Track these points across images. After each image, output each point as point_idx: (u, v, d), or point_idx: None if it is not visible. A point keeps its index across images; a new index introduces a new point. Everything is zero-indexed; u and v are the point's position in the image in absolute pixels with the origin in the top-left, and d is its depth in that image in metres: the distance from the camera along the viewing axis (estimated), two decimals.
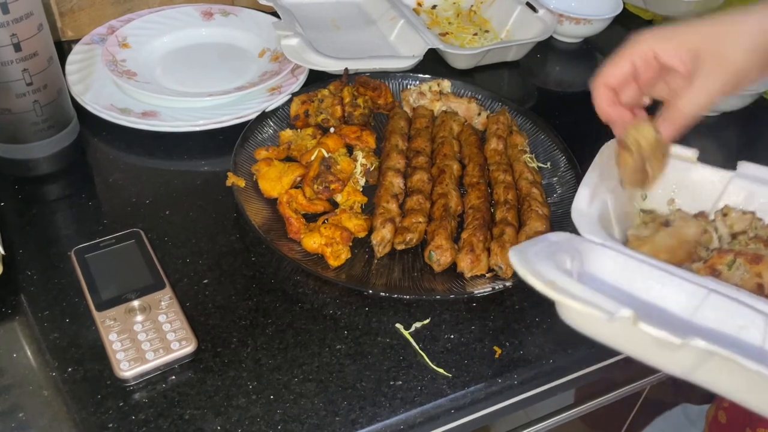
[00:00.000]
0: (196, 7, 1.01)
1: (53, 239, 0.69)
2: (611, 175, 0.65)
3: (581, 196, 0.62)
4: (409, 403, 0.58)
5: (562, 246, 0.56)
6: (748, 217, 0.65)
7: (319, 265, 0.67)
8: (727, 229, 0.65)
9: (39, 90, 0.71)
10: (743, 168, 0.68)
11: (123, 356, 0.57)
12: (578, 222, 0.60)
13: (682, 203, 0.69)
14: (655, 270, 0.56)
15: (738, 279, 0.59)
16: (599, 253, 0.57)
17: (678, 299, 0.55)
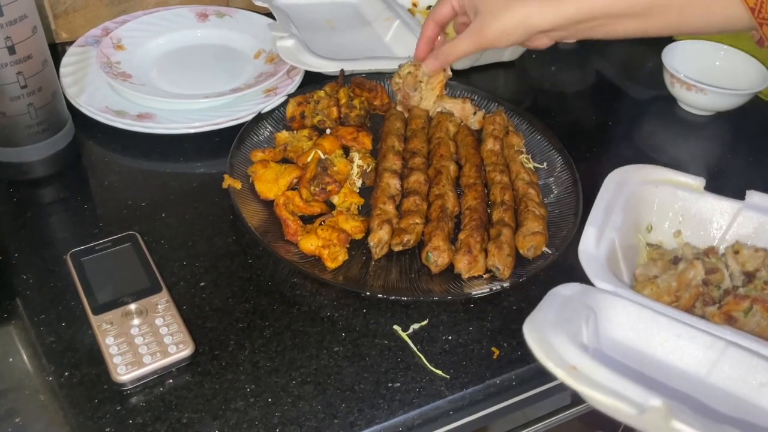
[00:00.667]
0: (191, 9, 1.01)
1: (49, 243, 0.69)
2: (617, 208, 0.64)
3: (588, 237, 0.61)
4: (407, 404, 0.58)
5: (574, 306, 0.54)
6: (761, 255, 0.62)
7: (317, 267, 0.66)
8: (739, 266, 0.63)
9: (33, 93, 0.70)
10: (752, 198, 0.66)
11: (120, 360, 0.57)
12: (587, 267, 0.58)
13: (690, 235, 0.67)
14: (669, 321, 0.54)
15: (755, 326, 0.57)
16: (612, 305, 0.56)
17: (695, 353, 0.53)
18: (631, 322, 0.55)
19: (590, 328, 0.54)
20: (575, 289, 0.56)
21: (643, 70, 1.07)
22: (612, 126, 0.95)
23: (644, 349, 0.55)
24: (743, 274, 0.62)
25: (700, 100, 0.93)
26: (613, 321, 0.55)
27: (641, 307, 0.55)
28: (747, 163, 0.90)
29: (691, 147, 0.94)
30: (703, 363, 0.53)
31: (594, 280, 0.57)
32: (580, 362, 0.48)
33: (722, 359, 0.52)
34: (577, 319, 0.53)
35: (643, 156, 0.90)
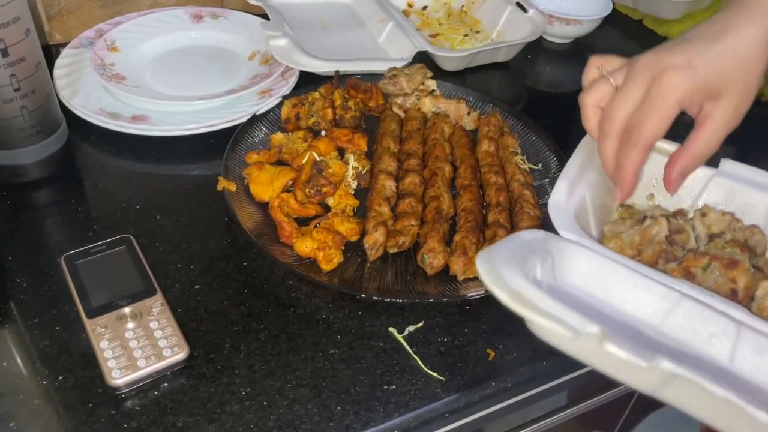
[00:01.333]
0: (186, 10, 1.01)
1: (43, 246, 0.69)
2: (592, 166, 0.64)
3: (559, 188, 0.61)
4: (403, 407, 0.57)
5: (533, 247, 0.55)
6: (727, 219, 0.63)
7: (312, 269, 0.66)
8: (705, 229, 0.63)
9: (27, 95, 0.70)
10: (725, 166, 0.66)
11: (114, 364, 0.57)
12: (555, 216, 0.58)
13: (662, 199, 0.68)
14: (628, 272, 0.55)
15: (712, 282, 0.58)
16: (573, 253, 0.56)
17: (650, 302, 0.54)
18: (591, 271, 0.56)
19: (546, 268, 0.54)
20: (538, 235, 0.57)
21: None
22: None
23: (601, 297, 0.55)
24: (708, 236, 0.63)
25: None
26: (573, 269, 0.56)
27: (602, 257, 0.55)
28: (738, 160, 0.90)
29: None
30: (657, 312, 0.53)
31: (560, 229, 0.57)
32: (526, 290, 0.48)
33: (676, 309, 0.53)
34: (532, 258, 0.53)
35: None
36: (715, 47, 0.55)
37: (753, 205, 0.65)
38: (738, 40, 0.55)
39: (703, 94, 0.55)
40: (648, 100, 0.54)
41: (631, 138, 0.55)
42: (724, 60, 0.54)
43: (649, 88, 0.54)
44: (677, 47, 0.55)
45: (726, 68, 0.55)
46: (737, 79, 0.55)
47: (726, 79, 0.55)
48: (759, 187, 0.65)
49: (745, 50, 0.55)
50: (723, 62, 0.54)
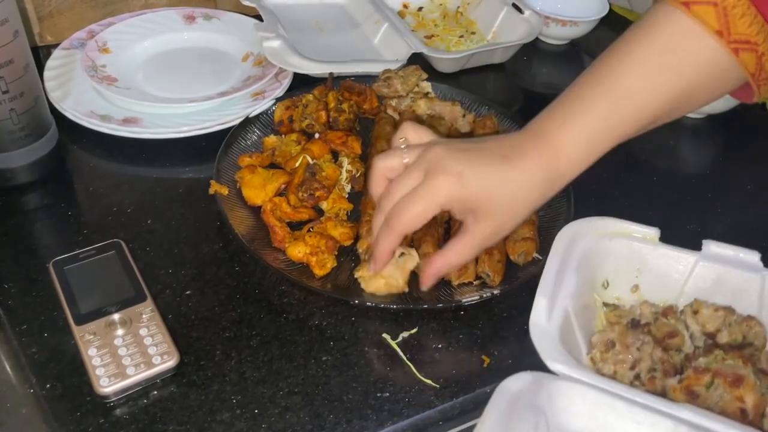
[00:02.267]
0: (178, 11, 1.00)
1: (32, 251, 0.68)
2: (570, 268, 0.60)
3: (538, 309, 0.57)
4: (396, 415, 0.57)
5: (521, 410, 0.50)
6: (721, 314, 0.60)
7: (305, 274, 0.65)
8: (699, 327, 0.60)
9: (15, 98, 0.69)
10: (708, 248, 0.63)
11: (103, 372, 0.56)
12: (538, 344, 0.54)
13: (647, 289, 0.64)
14: (627, 406, 0.51)
15: (718, 399, 0.54)
16: (566, 392, 0.52)
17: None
18: (588, 410, 0.52)
19: (541, 429, 0.50)
20: (524, 382, 0.52)
21: None
22: None
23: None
24: (704, 334, 0.60)
25: None
26: (569, 410, 0.52)
27: (597, 392, 0.51)
28: (739, 166, 0.90)
29: (683, 150, 0.93)
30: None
31: (546, 360, 0.53)
32: None
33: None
34: (524, 424, 0.49)
35: (634, 158, 0.89)
36: (492, 170, 0.56)
37: (744, 289, 0.61)
38: (515, 173, 0.56)
39: (464, 206, 0.57)
40: (414, 193, 0.56)
41: (391, 222, 0.58)
42: (494, 186, 0.56)
43: (423, 180, 0.57)
44: (461, 155, 0.57)
45: (494, 194, 0.56)
46: (503, 206, 0.57)
47: (492, 203, 0.57)
48: (746, 267, 0.61)
49: (518, 184, 0.57)
50: (493, 188, 0.56)
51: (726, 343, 0.59)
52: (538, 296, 0.58)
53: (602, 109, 0.57)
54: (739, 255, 0.62)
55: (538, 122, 0.60)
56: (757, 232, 0.78)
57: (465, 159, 0.56)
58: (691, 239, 0.77)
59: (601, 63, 0.59)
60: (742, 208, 0.82)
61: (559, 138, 0.57)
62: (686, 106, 0.60)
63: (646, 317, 0.62)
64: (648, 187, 0.84)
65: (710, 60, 0.56)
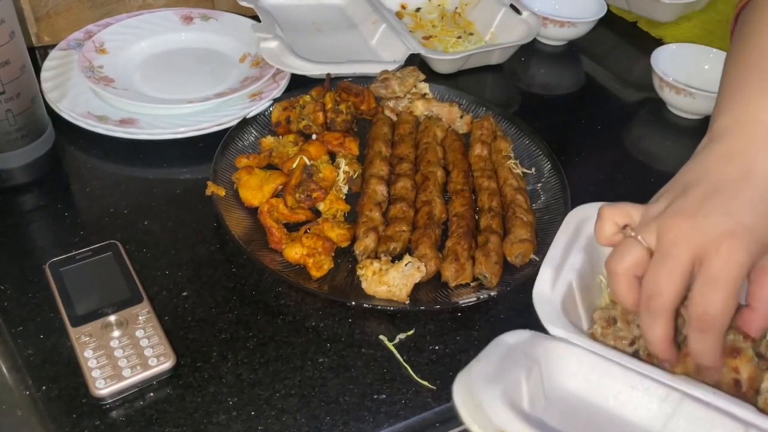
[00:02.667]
0: (176, 11, 1.00)
1: (28, 252, 0.68)
2: (577, 247, 0.60)
3: (543, 278, 0.56)
4: (393, 417, 0.57)
5: (517, 356, 0.50)
6: None
7: (301, 276, 0.65)
8: None
9: (12, 99, 0.69)
10: None
11: (99, 374, 0.55)
12: (540, 310, 0.54)
13: None
14: (623, 371, 0.51)
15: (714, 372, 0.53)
16: (563, 353, 0.52)
17: (649, 405, 0.50)
18: (583, 372, 0.52)
19: (533, 379, 0.50)
20: (522, 337, 0.52)
21: (632, 73, 1.06)
22: (601, 130, 0.94)
23: (597, 401, 0.51)
24: None
25: (689, 103, 0.92)
26: (564, 371, 0.52)
27: (594, 356, 0.52)
28: None
29: (681, 151, 0.93)
30: (657, 417, 0.50)
31: (547, 325, 0.53)
32: (509, 426, 0.44)
33: (678, 413, 0.49)
34: (515, 371, 0.49)
35: (631, 160, 0.89)
36: (752, 194, 0.48)
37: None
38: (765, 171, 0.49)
39: (763, 252, 0.47)
40: (709, 273, 0.46)
41: (704, 325, 0.48)
42: (762, 205, 0.47)
43: (700, 259, 0.47)
44: (711, 206, 0.48)
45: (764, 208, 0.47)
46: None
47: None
48: None
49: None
50: (762, 207, 0.47)
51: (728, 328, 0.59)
52: (543, 266, 0.57)
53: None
54: None
55: (725, 118, 0.53)
56: None
57: (723, 207, 0.47)
58: None
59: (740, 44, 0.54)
60: None
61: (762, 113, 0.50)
62: None
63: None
64: (645, 188, 0.84)
65: None
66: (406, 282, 0.63)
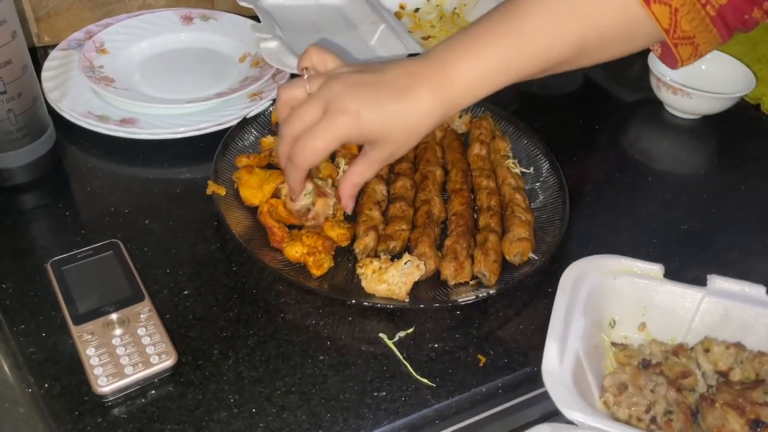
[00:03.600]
0: (176, 12, 1.00)
1: (29, 251, 0.68)
2: (577, 310, 0.60)
3: (550, 353, 0.57)
4: (393, 414, 0.57)
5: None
6: (732, 352, 0.60)
7: (302, 274, 0.66)
8: (711, 365, 0.60)
9: (13, 98, 0.69)
10: (713, 283, 0.63)
11: (101, 371, 0.56)
12: (553, 392, 0.54)
13: (655, 327, 0.64)
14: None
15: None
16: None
17: None
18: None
19: None
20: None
21: (629, 73, 1.06)
22: (599, 130, 0.95)
23: None
24: (716, 372, 0.60)
25: (687, 103, 0.93)
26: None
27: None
28: (732, 166, 0.90)
29: (678, 151, 0.94)
30: None
31: (562, 408, 0.53)
32: None
33: None
34: None
35: (629, 159, 0.90)
36: (389, 106, 0.57)
37: (752, 324, 0.61)
38: (411, 105, 0.57)
39: (362, 139, 0.59)
40: (315, 130, 0.57)
41: (294, 158, 0.59)
42: (391, 120, 0.57)
43: (323, 116, 0.57)
44: (359, 91, 0.57)
45: (391, 127, 0.58)
46: (399, 135, 0.58)
47: (389, 134, 0.58)
48: (752, 302, 0.61)
49: (413, 119, 0.58)
50: (390, 122, 0.57)
51: (739, 380, 0.59)
52: (548, 341, 0.57)
53: (503, 46, 0.58)
54: (744, 289, 0.62)
55: (440, 52, 0.59)
56: (750, 232, 0.79)
57: (363, 96, 0.57)
58: (685, 239, 0.77)
59: (510, 2, 0.59)
60: (735, 208, 0.83)
61: (458, 69, 0.58)
62: (595, 55, 0.60)
63: (657, 356, 0.61)
64: (642, 187, 0.85)
65: (621, 9, 0.56)
66: (406, 280, 0.64)
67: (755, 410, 0.54)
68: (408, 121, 0.58)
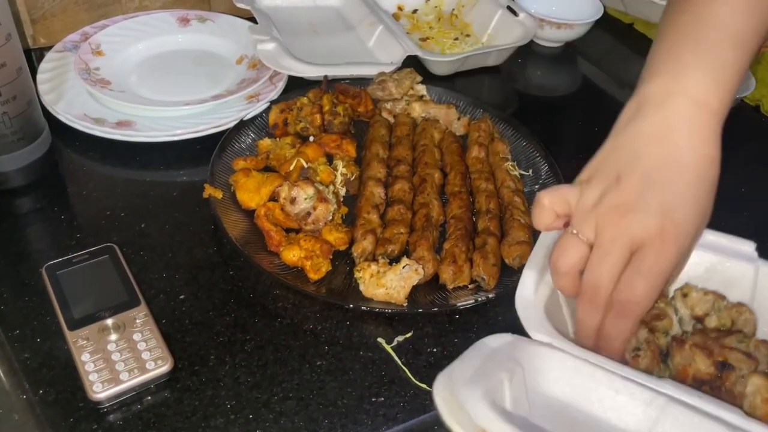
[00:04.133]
0: (172, 13, 0.99)
1: (24, 255, 0.67)
2: None
3: (526, 281, 0.56)
4: (391, 419, 0.56)
5: (499, 359, 0.50)
6: (710, 298, 0.59)
7: (299, 278, 0.65)
8: (688, 311, 0.59)
9: (8, 101, 0.69)
10: (703, 236, 0.61)
11: (96, 377, 0.55)
12: (523, 315, 0.54)
13: None
14: (607, 375, 0.50)
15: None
16: (546, 357, 0.52)
17: (634, 410, 0.50)
18: (566, 376, 0.51)
19: (516, 382, 0.50)
20: (505, 340, 0.52)
21: (628, 75, 1.06)
22: (598, 132, 0.93)
23: (581, 406, 0.51)
24: (693, 318, 0.59)
25: None
26: (547, 375, 0.52)
27: (578, 360, 0.51)
28: (736, 169, 0.90)
29: None
30: (642, 421, 0.49)
31: (529, 330, 0.53)
32: (491, 425, 0.44)
33: (663, 417, 0.48)
34: (498, 373, 0.49)
35: None
36: (680, 184, 0.50)
37: (737, 279, 0.60)
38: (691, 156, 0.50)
39: (693, 240, 0.52)
40: (640, 270, 0.49)
41: (624, 311, 0.51)
42: (691, 194, 0.50)
43: (635, 251, 0.50)
44: (645, 202, 0.50)
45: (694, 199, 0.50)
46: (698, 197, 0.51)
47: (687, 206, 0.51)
48: (740, 257, 0.60)
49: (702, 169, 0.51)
50: (691, 197, 0.50)
51: (714, 327, 0.59)
52: (526, 269, 0.57)
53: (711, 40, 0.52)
54: (734, 244, 0.61)
55: (654, 85, 0.53)
56: (751, 234, 0.78)
57: (654, 201, 0.49)
58: None
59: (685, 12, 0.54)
60: (735, 209, 0.82)
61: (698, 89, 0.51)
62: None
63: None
64: None
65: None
66: (404, 284, 0.63)
67: (724, 353, 0.53)
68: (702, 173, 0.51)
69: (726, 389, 0.52)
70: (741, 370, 0.52)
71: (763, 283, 0.59)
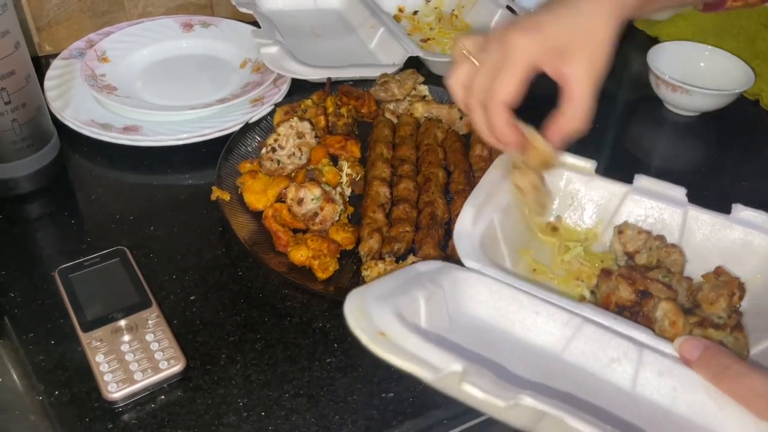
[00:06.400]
0: (176, 19, 1.00)
1: (36, 259, 0.68)
2: (504, 188, 0.62)
3: (465, 216, 0.59)
4: (401, 414, 0.57)
5: (421, 281, 0.52)
6: (643, 237, 0.62)
7: (307, 277, 0.66)
8: (621, 247, 0.63)
9: (17, 108, 0.70)
10: (640, 182, 0.66)
11: (111, 377, 0.56)
12: (459, 245, 0.57)
13: (578, 216, 0.67)
14: (530, 299, 0.53)
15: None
16: (474, 282, 0.54)
17: (552, 330, 0.52)
18: (493, 300, 0.54)
19: (433, 303, 0.51)
20: (433, 266, 0.55)
21: (629, 71, 1.07)
22: (598, 128, 0.94)
23: (503, 326, 0.54)
24: (625, 254, 0.63)
25: (685, 100, 0.93)
26: (474, 299, 0.54)
27: (504, 286, 0.54)
28: (732, 162, 0.91)
29: (677, 148, 0.94)
30: (559, 339, 0.52)
31: (463, 258, 0.55)
32: (391, 329, 0.45)
33: (578, 336, 0.51)
34: (414, 292, 0.50)
35: (628, 157, 0.90)
36: (562, 13, 0.56)
37: (668, 222, 0.64)
38: (584, 15, 0.56)
39: (553, 53, 0.56)
40: (500, 65, 0.55)
41: (488, 105, 0.57)
42: (570, 24, 0.55)
43: (501, 54, 0.55)
44: (527, 16, 0.57)
45: (572, 31, 0.55)
46: (584, 41, 0.56)
47: (573, 40, 0.56)
48: (671, 201, 0.64)
49: (591, 22, 0.56)
50: (570, 26, 0.55)
51: (643, 264, 0.62)
52: (466, 206, 0.60)
53: None
54: (666, 190, 0.65)
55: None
56: None
57: (534, 15, 0.56)
58: None
59: None
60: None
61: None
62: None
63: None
64: None
65: None
66: None
67: (645, 283, 0.57)
68: (588, 22, 0.56)
69: (644, 314, 0.56)
70: (659, 299, 0.55)
71: (691, 226, 0.63)
